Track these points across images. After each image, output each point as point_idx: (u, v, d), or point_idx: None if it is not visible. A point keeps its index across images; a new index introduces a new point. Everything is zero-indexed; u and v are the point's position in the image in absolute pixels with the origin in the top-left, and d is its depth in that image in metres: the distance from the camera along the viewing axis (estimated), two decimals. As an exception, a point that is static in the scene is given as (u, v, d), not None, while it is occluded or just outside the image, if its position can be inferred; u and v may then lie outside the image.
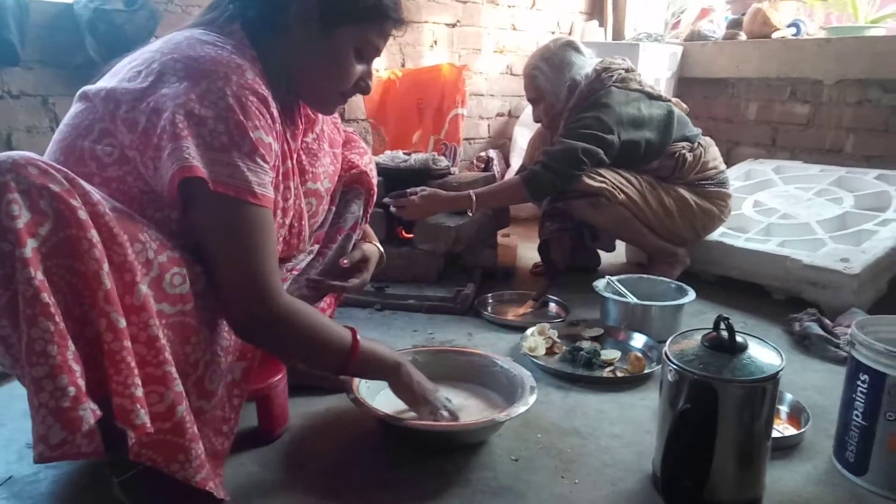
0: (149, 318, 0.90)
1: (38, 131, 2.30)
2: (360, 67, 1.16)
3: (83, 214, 0.84)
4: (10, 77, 2.21)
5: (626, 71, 2.21)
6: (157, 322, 0.91)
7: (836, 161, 2.98)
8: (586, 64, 2.20)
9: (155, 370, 0.91)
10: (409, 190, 2.10)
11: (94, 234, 0.85)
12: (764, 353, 1.10)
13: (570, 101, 2.17)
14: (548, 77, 2.18)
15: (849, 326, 1.83)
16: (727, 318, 1.09)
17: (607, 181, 2.07)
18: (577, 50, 2.22)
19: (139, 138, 0.97)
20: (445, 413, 1.25)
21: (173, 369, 0.93)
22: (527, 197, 2.13)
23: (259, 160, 1.00)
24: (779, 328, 1.97)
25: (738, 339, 1.10)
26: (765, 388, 1.06)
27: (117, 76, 1.04)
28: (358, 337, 1.16)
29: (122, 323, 0.86)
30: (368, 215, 1.50)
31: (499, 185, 2.19)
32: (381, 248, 1.49)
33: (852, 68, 2.94)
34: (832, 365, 1.72)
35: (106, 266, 0.85)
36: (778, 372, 1.06)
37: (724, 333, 1.10)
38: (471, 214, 2.13)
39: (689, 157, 2.18)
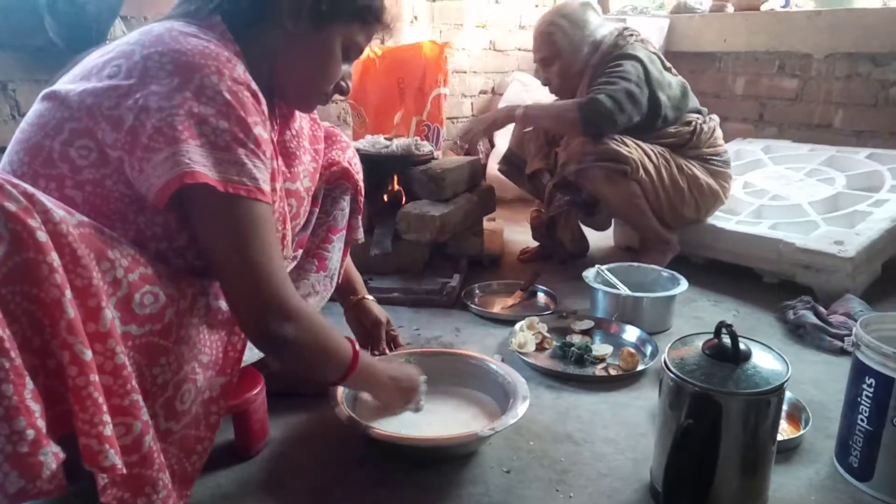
0: (115, 345, 0.82)
1: (-3, 119, 2.17)
2: (344, 67, 1.12)
3: (42, 236, 0.76)
4: (-36, 63, 2.08)
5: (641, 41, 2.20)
6: (123, 348, 0.84)
7: (825, 136, 2.94)
8: (602, 25, 2.17)
9: (121, 401, 0.84)
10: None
11: (54, 258, 0.76)
12: (768, 360, 1.05)
13: (594, 57, 2.12)
14: (566, 33, 2.13)
15: (844, 314, 1.80)
16: (730, 325, 1.03)
17: (634, 152, 2.03)
18: (594, 10, 2.20)
19: (125, 137, 0.90)
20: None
21: (140, 397, 0.86)
22: (574, 124, 2.02)
23: (261, 156, 0.95)
24: (771, 316, 1.92)
25: (741, 346, 1.04)
26: (769, 401, 1.00)
27: (92, 73, 0.95)
28: (357, 348, 1.12)
29: (88, 355, 0.78)
30: (360, 215, 1.45)
31: (551, 104, 2.16)
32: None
33: (842, 41, 2.87)
34: (828, 356, 1.68)
35: (68, 292, 0.77)
36: (784, 382, 1.01)
37: (727, 340, 1.04)
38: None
39: (705, 127, 2.17)
